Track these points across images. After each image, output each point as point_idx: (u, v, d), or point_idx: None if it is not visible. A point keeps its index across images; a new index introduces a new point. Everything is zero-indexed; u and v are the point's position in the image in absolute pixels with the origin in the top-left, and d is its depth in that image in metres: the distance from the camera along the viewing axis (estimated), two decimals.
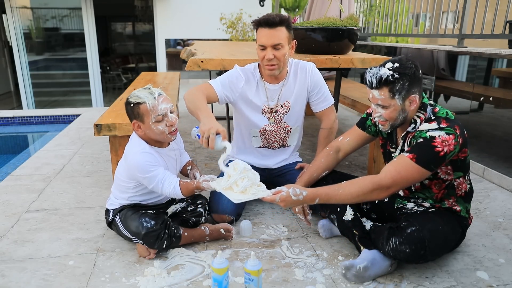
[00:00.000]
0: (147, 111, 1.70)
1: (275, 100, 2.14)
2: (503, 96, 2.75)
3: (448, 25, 4.10)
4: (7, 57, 9.52)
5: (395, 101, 1.56)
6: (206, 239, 1.89)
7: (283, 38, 1.94)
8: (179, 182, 1.74)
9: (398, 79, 1.52)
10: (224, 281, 1.47)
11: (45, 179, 2.66)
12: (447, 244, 1.66)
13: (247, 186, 1.57)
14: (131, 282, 1.60)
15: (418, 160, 1.49)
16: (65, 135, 3.76)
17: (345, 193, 1.57)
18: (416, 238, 1.50)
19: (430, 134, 1.51)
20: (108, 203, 1.91)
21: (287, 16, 1.97)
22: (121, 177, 1.83)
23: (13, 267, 1.70)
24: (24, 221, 2.10)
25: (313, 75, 2.14)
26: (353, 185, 1.57)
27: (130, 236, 1.78)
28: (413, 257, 1.54)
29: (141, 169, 1.70)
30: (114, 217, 1.85)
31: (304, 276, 1.65)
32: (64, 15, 8.16)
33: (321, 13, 4.13)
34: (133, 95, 1.73)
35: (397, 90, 1.54)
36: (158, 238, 1.72)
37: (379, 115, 1.62)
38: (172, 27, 7.68)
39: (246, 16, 6.02)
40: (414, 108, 1.61)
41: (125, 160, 1.80)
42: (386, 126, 1.65)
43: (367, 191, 1.54)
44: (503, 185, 2.63)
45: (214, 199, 2.05)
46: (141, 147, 1.75)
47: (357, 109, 3.02)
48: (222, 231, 1.91)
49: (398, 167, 1.52)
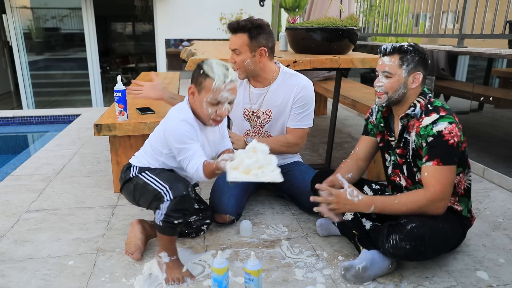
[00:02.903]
0: (209, 88, 1.60)
1: (257, 104, 2.16)
2: (503, 96, 2.75)
3: (448, 25, 4.10)
4: (7, 57, 9.52)
5: (401, 71, 1.62)
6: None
7: (239, 45, 1.97)
8: (202, 163, 1.59)
9: (411, 51, 1.62)
10: (224, 281, 1.47)
11: (45, 179, 2.66)
12: (447, 242, 1.66)
13: (251, 166, 1.43)
14: (131, 282, 1.60)
15: (444, 161, 1.54)
16: (65, 135, 3.75)
17: (401, 205, 1.57)
18: (416, 234, 1.50)
19: (436, 129, 1.55)
20: (133, 160, 1.79)
21: (252, 23, 1.96)
22: (154, 142, 1.73)
23: (13, 267, 1.70)
24: (24, 221, 2.10)
25: (302, 91, 2.09)
26: (409, 198, 1.58)
27: (161, 187, 1.60)
28: (413, 254, 1.53)
29: (177, 138, 1.60)
30: (140, 173, 1.71)
31: (304, 276, 1.65)
32: (64, 15, 8.17)
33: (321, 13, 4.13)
34: (210, 64, 1.61)
35: (407, 60, 1.62)
36: (189, 211, 1.61)
37: (381, 84, 1.67)
38: (172, 27, 7.69)
39: (246, 16, 6.02)
40: (415, 88, 1.65)
41: (163, 122, 1.69)
42: (383, 99, 1.68)
43: (422, 205, 1.55)
44: (503, 185, 2.63)
45: (214, 199, 2.06)
46: (186, 115, 1.64)
47: (357, 109, 3.02)
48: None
49: (437, 177, 1.54)
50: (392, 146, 1.78)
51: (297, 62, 2.37)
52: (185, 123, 1.61)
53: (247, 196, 2.22)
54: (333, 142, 2.88)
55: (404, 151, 1.73)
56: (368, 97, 3.14)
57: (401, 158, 1.75)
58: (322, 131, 3.78)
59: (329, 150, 2.89)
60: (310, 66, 2.41)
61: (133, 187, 1.72)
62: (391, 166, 1.83)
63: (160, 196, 1.59)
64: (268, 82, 2.13)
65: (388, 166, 1.85)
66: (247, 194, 2.21)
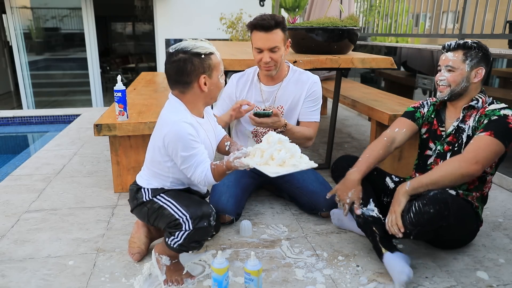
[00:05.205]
0: (218, 63, 1.52)
1: (270, 101, 2.15)
2: (503, 96, 2.75)
3: (448, 25, 4.09)
4: (7, 57, 9.52)
5: (465, 65, 1.69)
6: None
7: (279, 41, 1.95)
8: (210, 168, 1.50)
9: (474, 47, 1.68)
10: (224, 281, 1.47)
11: (45, 179, 2.66)
12: (468, 217, 1.70)
13: (285, 158, 1.38)
14: (131, 282, 1.60)
15: (496, 134, 1.58)
16: (65, 135, 3.75)
17: (435, 171, 1.62)
18: (439, 198, 1.50)
19: (504, 112, 1.63)
20: (142, 181, 1.65)
21: (281, 17, 1.97)
22: (155, 158, 1.58)
23: (13, 267, 1.70)
24: (24, 221, 2.10)
25: (314, 86, 2.14)
26: (441, 165, 1.65)
27: (180, 214, 1.49)
28: (437, 218, 1.50)
29: (182, 144, 1.46)
30: (155, 196, 1.58)
31: (304, 276, 1.64)
32: (64, 15, 8.16)
33: (321, 13, 4.13)
34: (195, 45, 1.48)
35: (470, 55, 1.68)
36: (210, 231, 1.52)
37: (444, 78, 1.72)
38: (172, 27, 7.67)
39: (246, 16, 6.02)
40: (477, 82, 1.71)
41: (159, 129, 1.54)
42: (445, 93, 1.74)
43: (456, 165, 1.59)
44: (503, 185, 2.62)
45: (213, 198, 2.05)
46: (182, 116, 1.50)
47: (357, 109, 3.02)
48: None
49: (479, 143, 1.59)
50: (441, 136, 1.82)
51: (297, 62, 2.37)
52: (185, 124, 1.48)
53: (246, 196, 2.22)
54: (333, 142, 2.88)
55: (454, 140, 1.77)
56: (368, 97, 3.14)
57: (449, 145, 1.79)
58: (322, 131, 3.78)
59: (329, 150, 2.89)
60: (310, 66, 2.41)
61: (147, 210, 1.60)
62: (434, 155, 1.85)
63: (178, 223, 1.48)
64: (280, 79, 2.14)
65: (431, 155, 1.87)
66: (246, 194, 2.21)
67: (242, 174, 2.19)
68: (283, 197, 2.37)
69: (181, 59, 1.48)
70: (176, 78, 1.52)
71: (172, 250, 1.54)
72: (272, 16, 1.95)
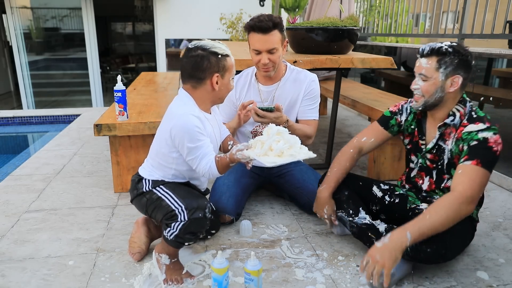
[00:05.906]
0: (231, 65, 1.59)
1: (269, 101, 2.16)
2: (503, 96, 2.75)
3: (448, 25, 4.09)
4: (7, 57, 9.52)
5: (438, 74, 1.56)
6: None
7: (277, 42, 1.95)
8: (215, 160, 1.55)
9: (450, 53, 1.54)
10: (224, 281, 1.47)
11: (45, 179, 2.66)
12: (464, 243, 1.66)
13: (283, 148, 1.41)
14: (131, 282, 1.60)
15: (484, 164, 1.49)
16: (65, 135, 3.75)
17: (432, 216, 1.44)
18: (437, 237, 1.46)
19: (482, 135, 1.52)
20: (144, 172, 1.69)
21: (278, 18, 1.96)
22: (161, 149, 1.62)
23: (13, 267, 1.70)
24: (24, 221, 2.10)
25: (312, 84, 2.14)
26: (438, 206, 1.47)
27: (176, 205, 1.53)
28: (434, 257, 1.50)
29: (188, 135, 1.50)
30: (154, 188, 1.62)
31: (304, 276, 1.64)
32: (64, 15, 8.16)
33: (321, 13, 4.12)
34: (213, 45, 1.55)
35: (444, 63, 1.55)
36: (205, 224, 1.55)
37: (418, 87, 1.62)
38: (172, 27, 7.67)
39: (246, 16, 6.02)
40: (453, 92, 1.59)
41: (167, 121, 1.58)
42: (419, 103, 1.64)
43: (456, 208, 1.45)
44: (503, 185, 2.62)
45: (213, 198, 2.06)
46: (190, 109, 1.55)
47: (357, 109, 3.02)
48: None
49: (471, 176, 1.48)
50: (422, 150, 1.75)
51: (297, 62, 2.37)
52: (192, 117, 1.52)
53: (246, 196, 2.22)
54: (333, 142, 2.88)
55: (436, 158, 1.70)
56: (368, 97, 3.14)
57: (431, 163, 1.73)
58: (322, 131, 3.78)
59: (329, 150, 2.89)
60: (310, 66, 2.41)
61: (146, 201, 1.64)
62: (416, 168, 1.80)
63: (173, 214, 1.52)
64: (278, 78, 2.14)
65: (414, 168, 1.82)
66: (246, 194, 2.21)
67: (242, 174, 2.19)
68: (283, 197, 2.37)
69: (199, 55, 1.54)
70: (191, 73, 1.57)
71: (169, 244, 1.56)
72: (270, 17, 1.94)
